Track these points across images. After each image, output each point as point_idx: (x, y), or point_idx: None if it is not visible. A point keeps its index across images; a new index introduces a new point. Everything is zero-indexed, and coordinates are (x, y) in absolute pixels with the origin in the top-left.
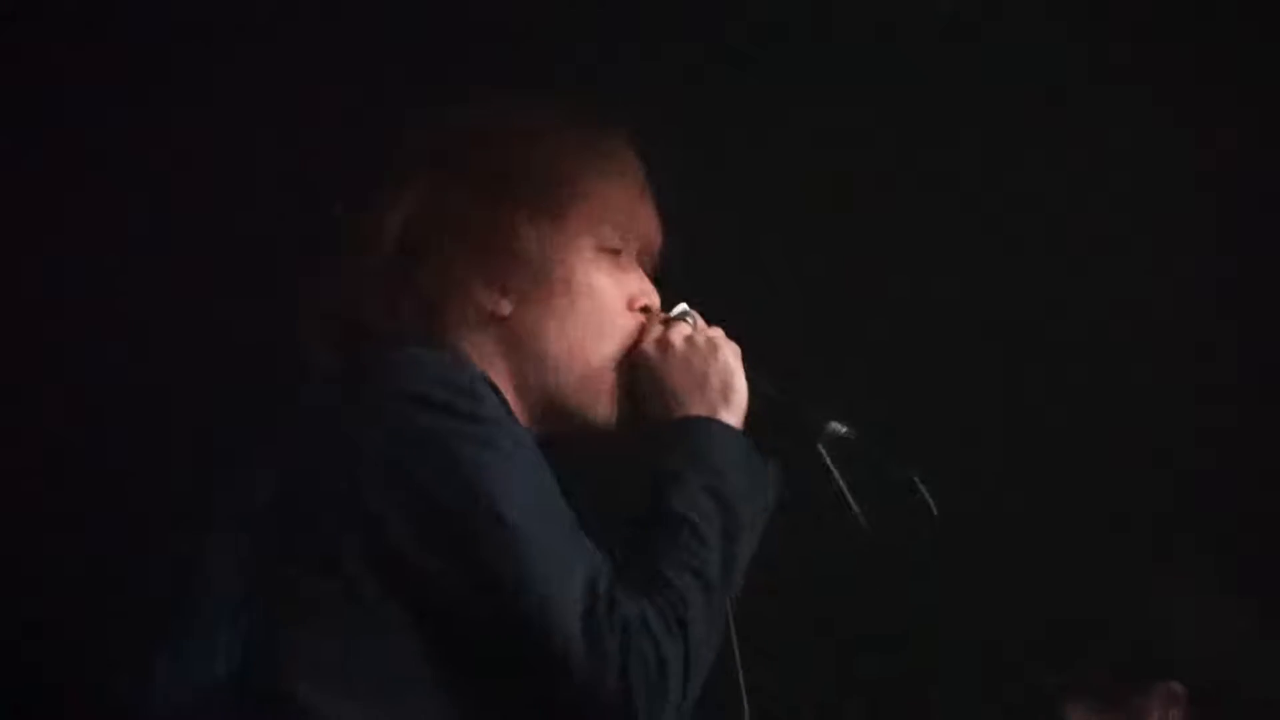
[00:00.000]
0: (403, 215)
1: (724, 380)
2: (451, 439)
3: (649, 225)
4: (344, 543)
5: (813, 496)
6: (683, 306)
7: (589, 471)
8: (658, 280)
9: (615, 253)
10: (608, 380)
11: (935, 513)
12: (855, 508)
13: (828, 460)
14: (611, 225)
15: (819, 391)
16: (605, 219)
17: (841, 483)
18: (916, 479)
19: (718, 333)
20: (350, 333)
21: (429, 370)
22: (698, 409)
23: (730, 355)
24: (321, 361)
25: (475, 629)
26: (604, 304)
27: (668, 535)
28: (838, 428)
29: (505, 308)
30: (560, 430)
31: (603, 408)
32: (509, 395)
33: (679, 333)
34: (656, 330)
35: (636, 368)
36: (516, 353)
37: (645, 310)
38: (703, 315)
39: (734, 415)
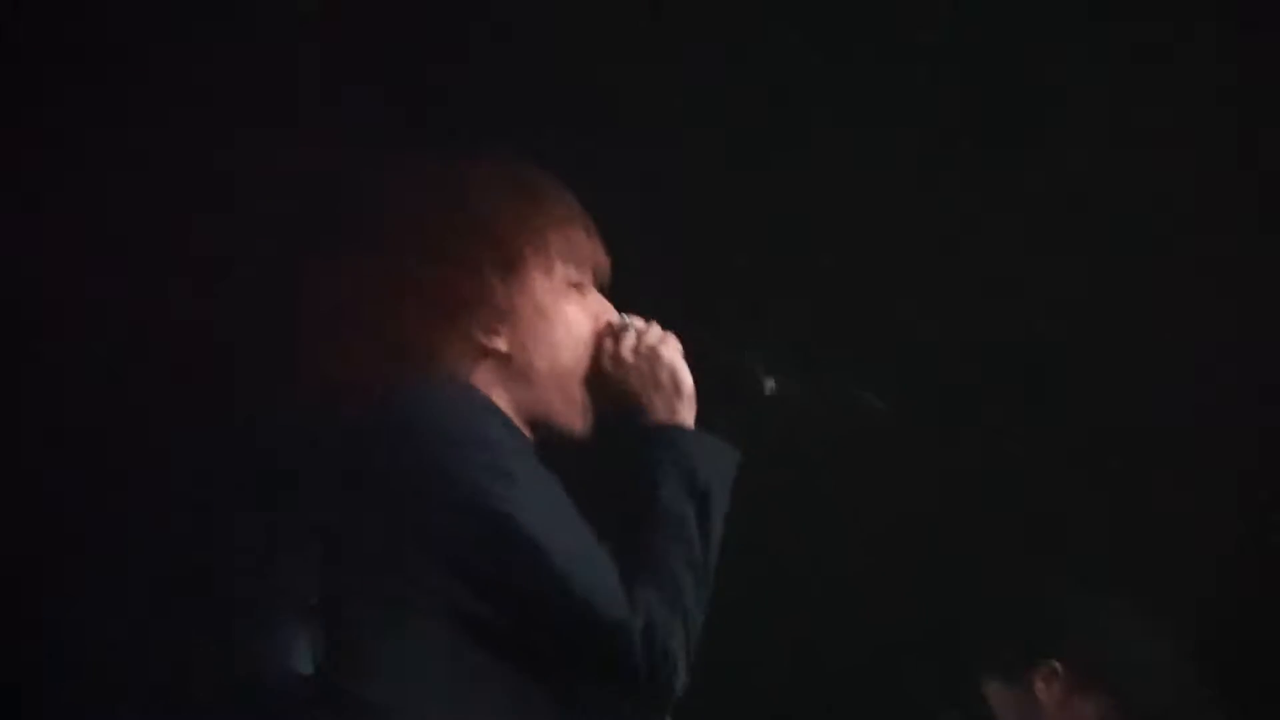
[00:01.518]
0: (396, 275)
1: (672, 377)
2: (473, 473)
3: (597, 254)
4: (405, 562)
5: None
6: (620, 319)
7: (569, 471)
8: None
9: (577, 284)
10: (584, 395)
11: (882, 406)
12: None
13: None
14: (567, 263)
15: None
16: (561, 259)
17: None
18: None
19: (655, 334)
20: (376, 371)
21: (449, 409)
22: (660, 411)
23: (671, 352)
24: (357, 396)
25: (526, 635)
26: (576, 331)
27: (661, 534)
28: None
29: (501, 345)
30: (550, 439)
31: (583, 418)
32: (510, 414)
33: (626, 346)
34: (609, 346)
35: (600, 382)
36: (512, 379)
37: (608, 324)
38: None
39: (687, 405)
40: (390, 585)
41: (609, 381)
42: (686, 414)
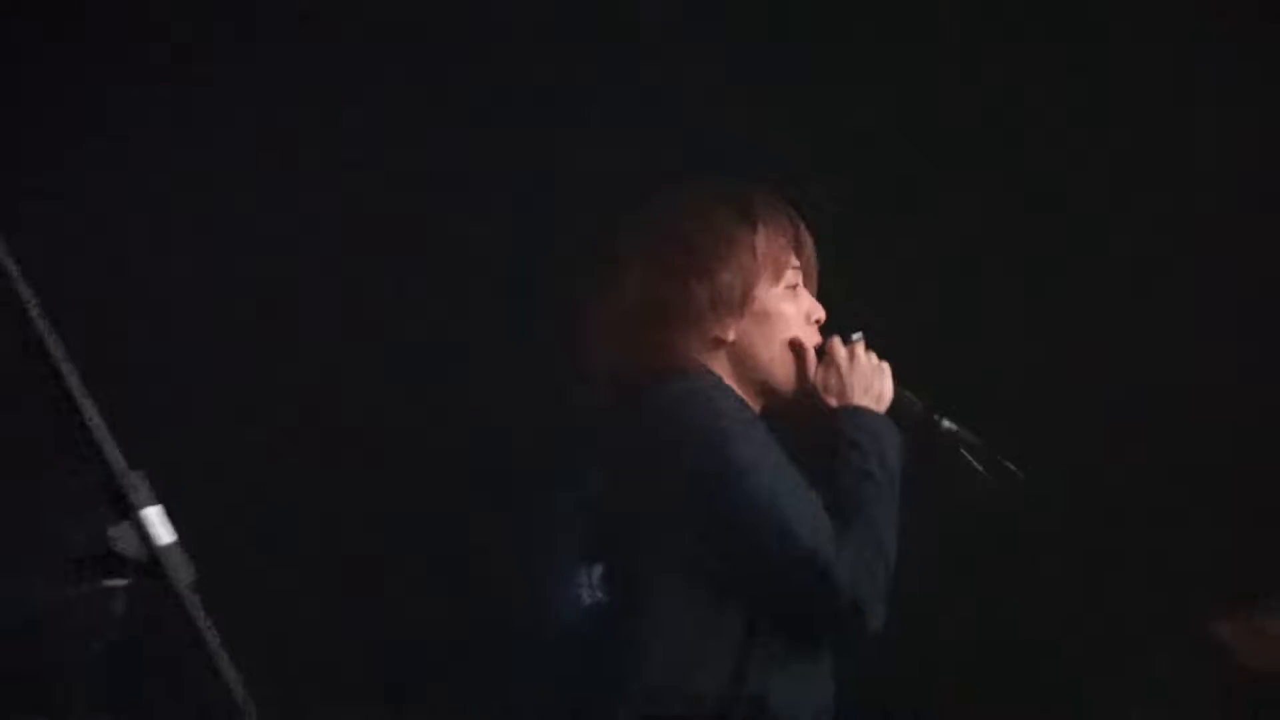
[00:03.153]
0: (639, 288)
1: (881, 389)
2: (709, 437)
3: (807, 258)
4: (659, 534)
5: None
6: (859, 335)
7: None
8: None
9: (792, 286)
10: (795, 372)
11: (1021, 476)
12: (978, 466)
13: (952, 430)
14: (783, 272)
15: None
16: (779, 270)
17: (967, 453)
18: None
19: (880, 360)
20: (627, 370)
21: (691, 393)
22: (865, 402)
23: (887, 374)
24: (607, 390)
25: (749, 577)
26: (789, 323)
27: (862, 487)
28: (949, 424)
29: (730, 335)
30: (772, 409)
31: (792, 390)
32: (738, 390)
33: (860, 350)
34: (844, 347)
35: (829, 366)
36: (740, 363)
37: (819, 323)
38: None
39: (884, 407)
40: (646, 540)
41: (839, 372)
42: (881, 409)
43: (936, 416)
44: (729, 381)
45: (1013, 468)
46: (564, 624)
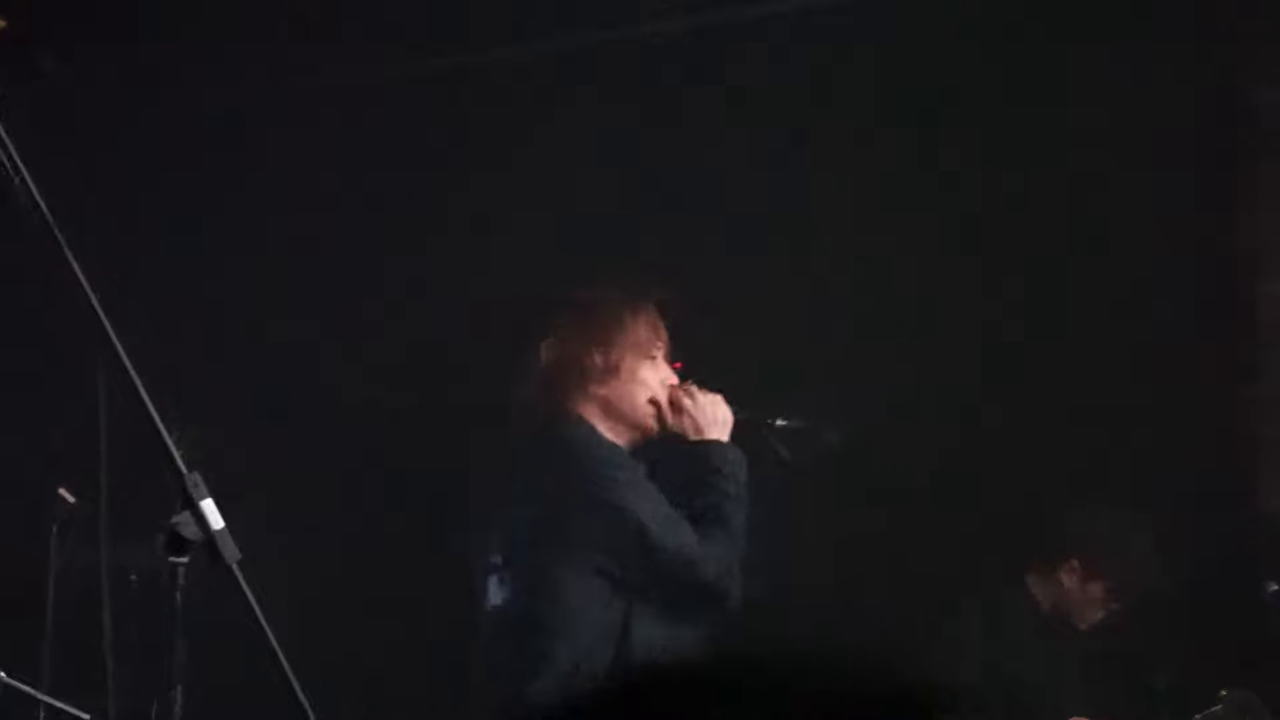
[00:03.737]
0: (554, 355)
1: (724, 416)
2: (595, 477)
3: (665, 340)
4: (561, 541)
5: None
6: (693, 387)
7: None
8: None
9: (653, 358)
10: (655, 420)
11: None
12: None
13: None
14: (647, 346)
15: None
16: (644, 346)
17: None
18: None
19: (715, 396)
20: (534, 416)
21: (577, 436)
22: (714, 433)
23: (722, 403)
24: (526, 425)
25: (638, 578)
26: (650, 385)
27: (723, 504)
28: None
29: (605, 393)
30: (636, 450)
31: (653, 432)
32: (611, 435)
33: (696, 392)
34: (686, 395)
35: (681, 412)
36: (612, 413)
37: (670, 385)
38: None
39: (726, 434)
40: (553, 552)
41: (689, 414)
42: (725, 436)
43: (769, 421)
44: (602, 426)
45: (833, 438)
46: (488, 617)
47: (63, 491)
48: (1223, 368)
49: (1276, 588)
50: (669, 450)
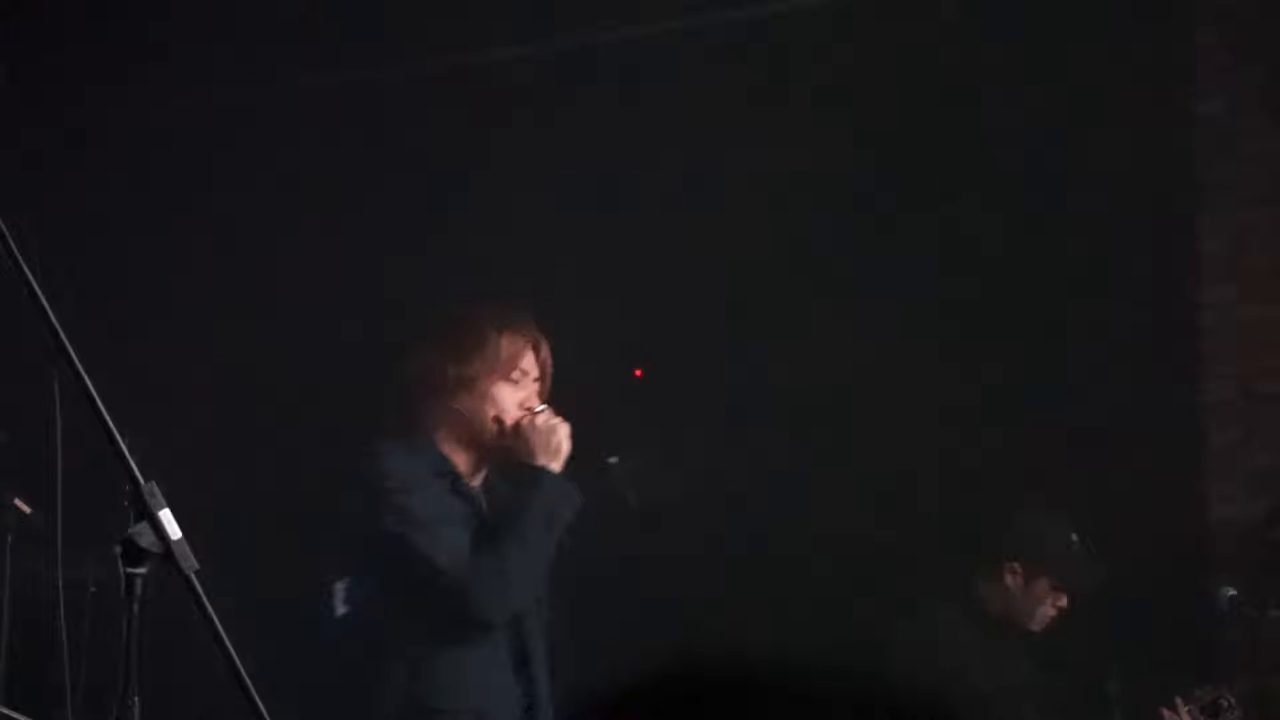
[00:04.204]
0: (413, 367)
1: (558, 444)
2: (385, 500)
3: (543, 362)
4: (365, 556)
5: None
6: (542, 407)
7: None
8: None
9: (516, 380)
10: (498, 439)
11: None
12: (632, 497)
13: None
14: (506, 367)
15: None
16: (503, 366)
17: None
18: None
19: (554, 418)
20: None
21: (389, 456)
22: (543, 460)
23: (562, 432)
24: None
25: (410, 590)
26: (503, 405)
27: (512, 530)
28: (613, 460)
29: (460, 406)
30: (490, 467)
31: (498, 452)
32: (463, 450)
33: (539, 420)
34: (527, 420)
35: (517, 437)
36: (463, 428)
37: (530, 409)
38: None
39: (559, 461)
40: (360, 563)
41: (525, 438)
42: (556, 466)
43: (610, 460)
44: (451, 440)
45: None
46: (326, 627)
47: (17, 501)
48: (1174, 371)
49: (1231, 593)
50: (510, 471)
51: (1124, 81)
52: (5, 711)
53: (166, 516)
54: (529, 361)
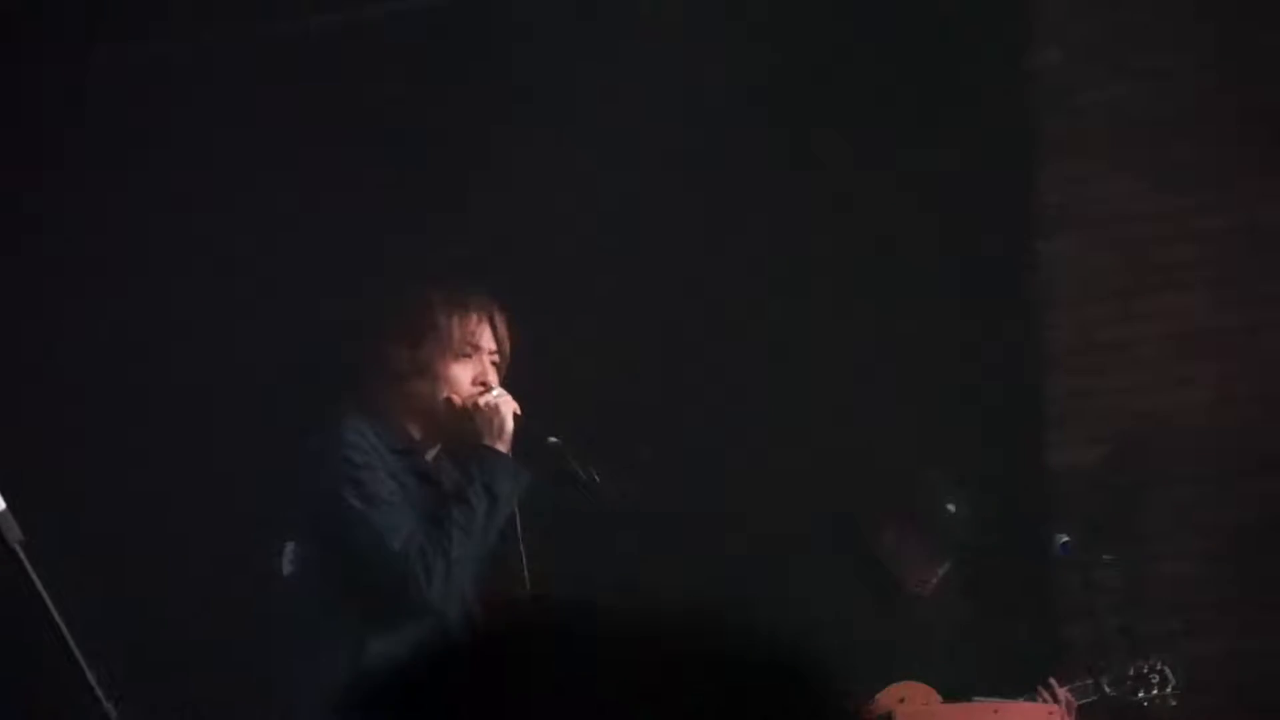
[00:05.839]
0: (367, 350)
1: (501, 422)
2: (333, 475)
3: (500, 340)
4: (305, 524)
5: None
6: (496, 390)
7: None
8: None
9: (467, 356)
10: (450, 418)
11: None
12: (582, 475)
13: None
14: (459, 344)
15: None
16: (454, 343)
17: (577, 469)
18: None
19: (501, 396)
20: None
21: (338, 433)
22: (489, 440)
23: (506, 408)
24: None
25: (362, 574)
26: (456, 384)
27: (457, 507)
28: (553, 440)
29: (412, 387)
30: (444, 442)
31: (450, 431)
32: (416, 426)
33: (486, 399)
34: (476, 400)
35: (464, 418)
36: (421, 405)
37: (485, 386)
38: None
39: (504, 440)
40: (303, 532)
41: (471, 416)
42: (502, 445)
43: (550, 440)
44: (403, 417)
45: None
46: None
47: None
48: (1010, 325)
49: (1065, 539)
50: (458, 452)
51: (957, 35)
52: None
53: None
54: (486, 336)
